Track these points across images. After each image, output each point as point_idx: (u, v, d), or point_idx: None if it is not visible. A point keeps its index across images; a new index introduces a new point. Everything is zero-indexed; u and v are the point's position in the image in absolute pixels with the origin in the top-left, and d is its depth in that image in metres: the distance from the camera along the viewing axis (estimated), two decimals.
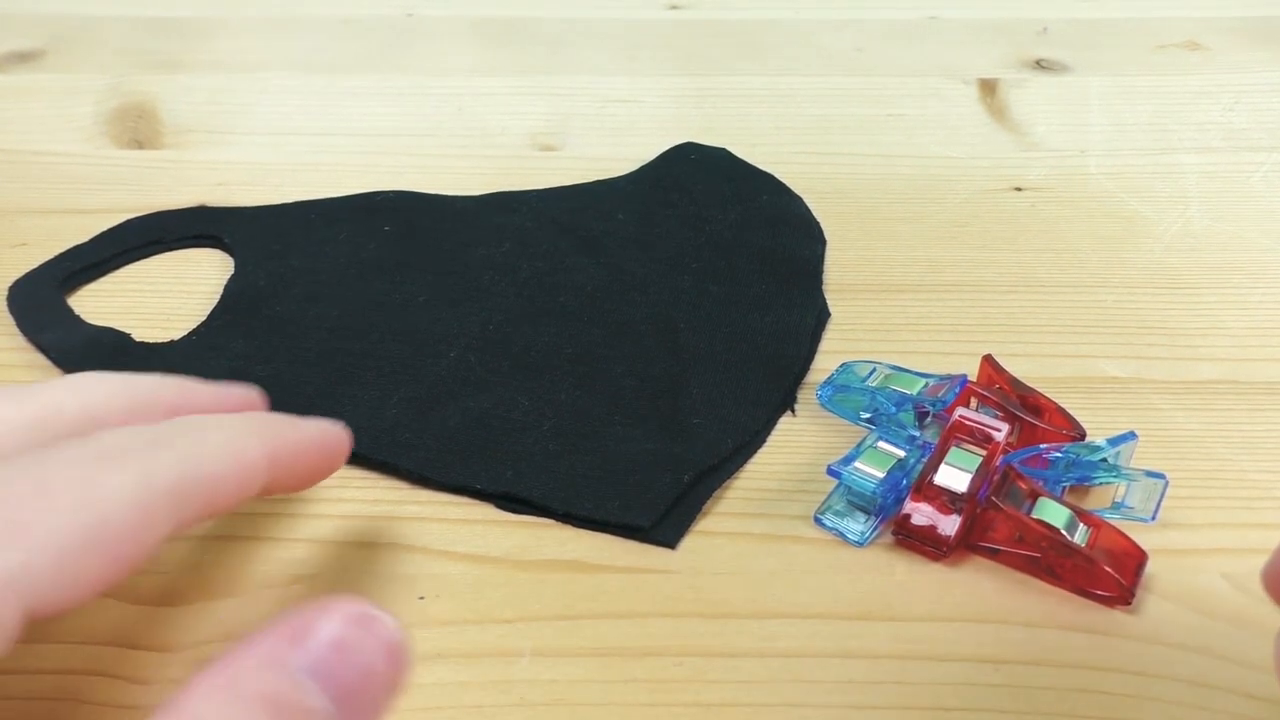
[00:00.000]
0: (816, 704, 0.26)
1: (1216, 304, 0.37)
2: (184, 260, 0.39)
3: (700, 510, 0.30)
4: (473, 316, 0.36)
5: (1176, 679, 0.26)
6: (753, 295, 0.37)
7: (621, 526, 0.30)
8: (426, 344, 0.35)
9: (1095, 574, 0.28)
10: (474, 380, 0.34)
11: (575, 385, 0.34)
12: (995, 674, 0.26)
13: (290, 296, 0.37)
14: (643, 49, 0.53)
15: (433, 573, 0.29)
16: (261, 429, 0.24)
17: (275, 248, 0.39)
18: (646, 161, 0.43)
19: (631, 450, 0.31)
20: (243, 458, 0.23)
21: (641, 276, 0.38)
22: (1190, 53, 0.53)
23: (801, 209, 0.41)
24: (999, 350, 0.33)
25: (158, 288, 0.38)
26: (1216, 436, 0.33)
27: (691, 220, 0.40)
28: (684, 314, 0.36)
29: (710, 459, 0.31)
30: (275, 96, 0.48)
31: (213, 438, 0.23)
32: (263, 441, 0.24)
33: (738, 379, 0.34)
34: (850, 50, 0.53)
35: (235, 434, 0.24)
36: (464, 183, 0.43)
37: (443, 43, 0.53)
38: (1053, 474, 0.30)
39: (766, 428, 0.33)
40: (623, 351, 0.35)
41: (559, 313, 0.36)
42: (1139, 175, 0.44)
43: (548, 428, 0.32)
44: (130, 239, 0.40)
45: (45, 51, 0.52)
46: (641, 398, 0.33)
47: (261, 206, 0.41)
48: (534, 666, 0.27)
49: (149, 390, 0.25)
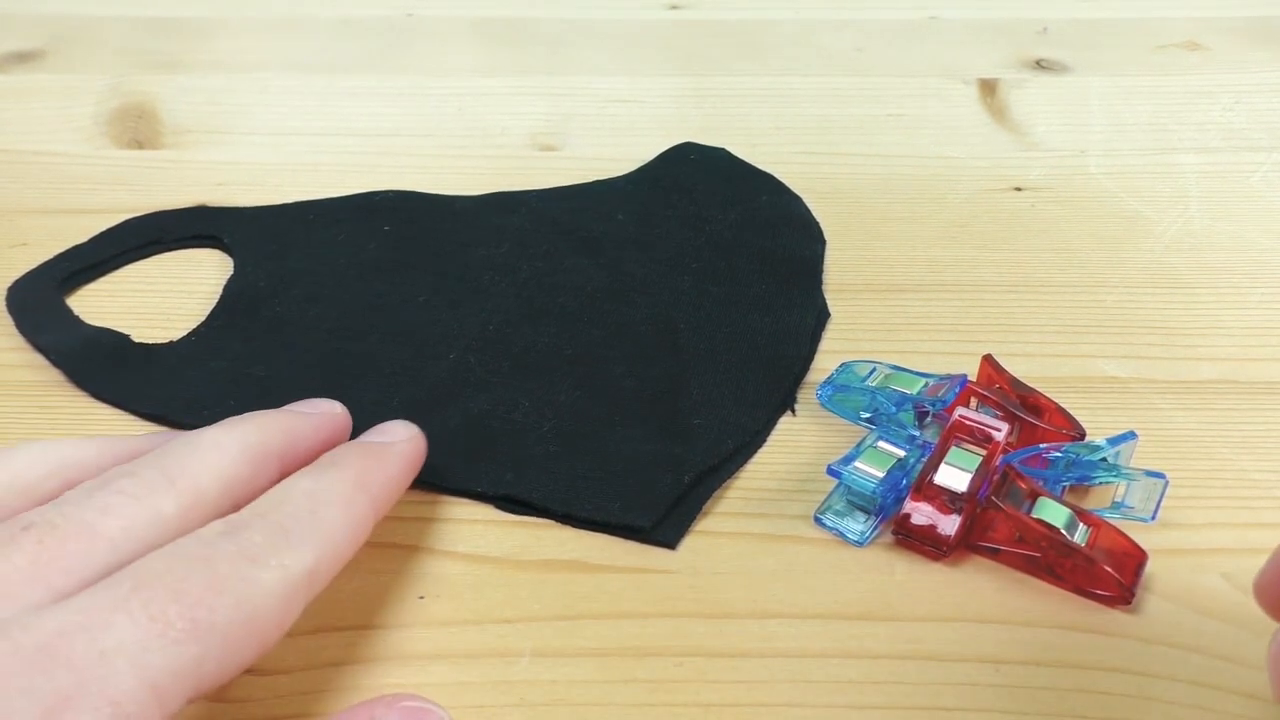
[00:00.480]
0: (816, 704, 0.26)
1: (1216, 304, 0.38)
2: (183, 261, 0.39)
3: (700, 511, 0.30)
4: (472, 317, 0.36)
5: (1176, 679, 0.26)
6: (752, 296, 0.37)
7: (622, 527, 0.30)
8: (426, 345, 0.35)
9: (1095, 574, 0.28)
10: (474, 382, 0.34)
11: (575, 386, 0.34)
12: (995, 674, 0.26)
13: (289, 297, 0.37)
14: (643, 49, 0.53)
15: (433, 573, 0.29)
16: (363, 478, 0.26)
17: (274, 248, 0.39)
18: (646, 161, 0.43)
19: (632, 451, 0.31)
20: (358, 525, 0.26)
21: (641, 277, 0.37)
22: (1190, 53, 0.53)
23: (801, 209, 0.41)
24: (999, 350, 0.33)
25: (157, 288, 0.38)
26: (1216, 436, 0.33)
27: (691, 220, 0.40)
28: (684, 314, 0.36)
29: (710, 460, 0.31)
30: (275, 96, 0.48)
31: (333, 514, 0.25)
32: (370, 497, 0.26)
33: (738, 380, 0.34)
34: (850, 50, 0.53)
35: (349, 502, 0.26)
36: (464, 183, 0.43)
37: (443, 43, 0.53)
38: (1052, 474, 0.30)
39: (766, 428, 0.33)
40: (622, 352, 0.35)
41: (559, 313, 0.36)
42: (1139, 175, 0.44)
43: (548, 429, 0.32)
44: (129, 239, 0.40)
45: (45, 51, 0.52)
46: (641, 398, 0.33)
47: (261, 207, 0.41)
48: (534, 666, 0.27)
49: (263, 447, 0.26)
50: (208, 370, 0.34)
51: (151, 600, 0.21)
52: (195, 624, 0.21)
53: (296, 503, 0.25)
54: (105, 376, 0.34)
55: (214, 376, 0.34)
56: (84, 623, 0.20)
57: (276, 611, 0.23)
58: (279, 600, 0.23)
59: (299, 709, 0.26)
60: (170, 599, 0.21)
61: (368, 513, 0.26)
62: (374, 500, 0.26)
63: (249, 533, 0.23)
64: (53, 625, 0.20)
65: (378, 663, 0.27)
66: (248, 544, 0.23)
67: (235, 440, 0.26)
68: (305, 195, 0.42)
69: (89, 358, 0.35)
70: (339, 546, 0.25)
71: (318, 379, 0.34)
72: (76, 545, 0.22)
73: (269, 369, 0.34)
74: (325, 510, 0.25)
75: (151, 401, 0.33)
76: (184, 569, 0.22)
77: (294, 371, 0.34)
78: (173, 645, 0.21)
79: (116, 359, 0.35)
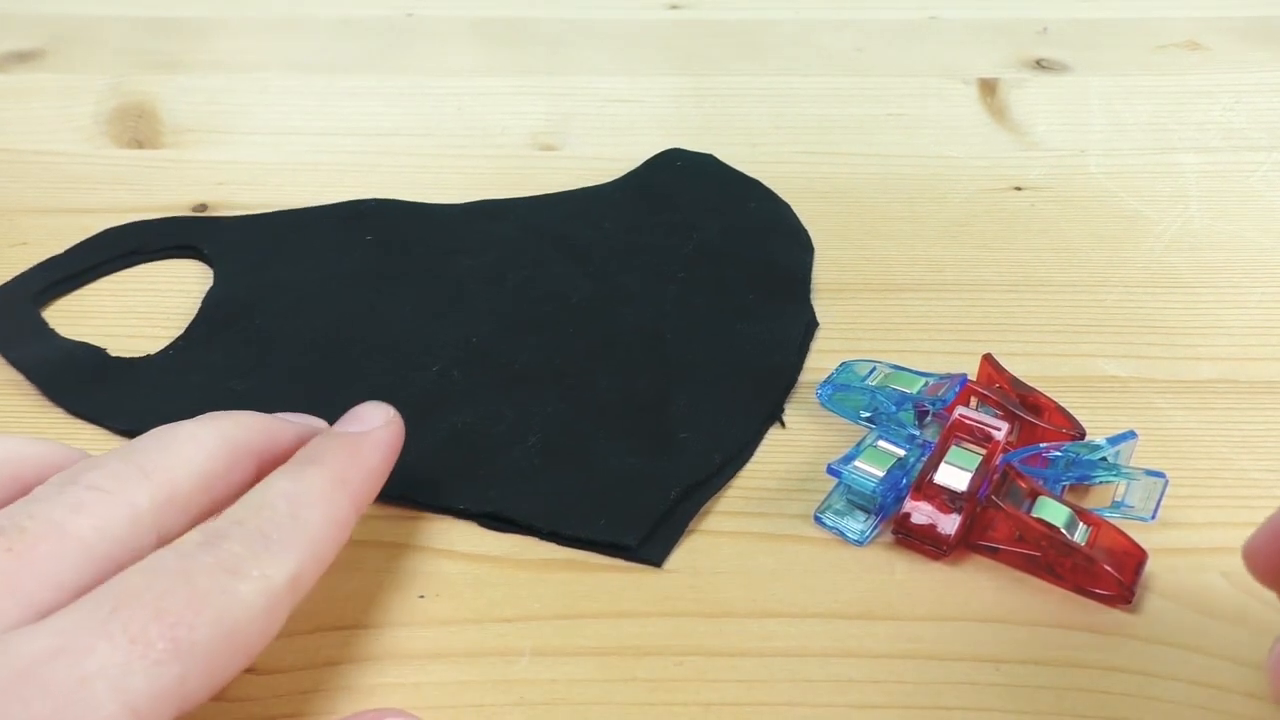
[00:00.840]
0: (816, 704, 0.26)
1: (1216, 303, 0.37)
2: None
3: (687, 527, 0.30)
4: (457, 328, 0.35)
5: (1176, 679, 0.26)
6: (740, 305, 0.36)
7: (607, 545, 0.29)
8: (410, 357, 0.34)
9: (1095, 573, 0.28)
10: (457, 395, 0.33)
11: (560, 399, 0.33)
12: (995, 674, 0.26)
13: (271, 309, 0.36)
14: (643, 49, 0.53)
15: (433, 572, 0.29)
16: (341, 480, 0.26)
17: (255, 259, 0.38)
18: (634, 167, 0.43)
19: (617, 466, 0.31)
20: (340, 524, 0.25)
21: (627, 286, 0.37)
22: (1190, 53, 0.53)
23: (789, 217, 0.41)
24: (999, 350, 0.33)
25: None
26: (1216, 435, 0.33)
27: (678, 228, 0.40)
28: (671, 325, 0.36)
29: (697, 474, 0.31)
30: (275, 96, 0.48)
31: (314, 516, 0.24)
32: (350, 494, 0.26)
33: (725, 391, 0.33)
34: (850, 50, 0.53)
35: (329, 501, 0.25)
36: (464, 182, 0.43)
37: (443, 43, 0.53)
38: (1052, 473, 0.30)
39: (754, 441, 0.32)
40: (608, 364, 0.34)
41: (544, 324, 0.36)
42: (1139, 175, 0.44)
43: (532, 443, 0.32)
44: (107, 250, 0.39)
45: (45, 51, 0.52)
46: (627, 411, 0.33)
47: (241, 216, 0.41)
48: (534, 666, 0.27)
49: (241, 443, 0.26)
50: (187, 384, 0.34)
51: (132, 621, 0.20)
52: (177, 643, 0.21)
53: (276, 506, 0.24)
54: (82, 392, 0.33)
55: (194, 391, 0.33)
56: (63, 646, 0.20)
57: (259, 623, 0.22)
58: (261, 612, 0.22)
59: (298, 708, 0.26)
60: (151, 618, 0.21)
61: (349, 511, 0.25)
62: (354, 496, 0.26)
63: (228, 543, 0.23)
64: (30, 650, 0.20)
65: (377, 662, 0.27)
66: (227, 555, 0.22)
67: (213, 434, 0.25)
68: (305, 195, 0.42)
69: (65, 372, 0.34)
70: (321, 549, 0.24)
71: (300, 392, 0.33)
72: (48, 548, 0.22)
73: (250, 383, 0.34)
74: (306, 512, 0.24)
75: (129, 417, 0.32)
76: (164, 585, 0.21)
77: (275, 385, 0.33)
78: (154, 667, 0.20)
79: (94, 373, 0.34)
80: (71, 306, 0.37)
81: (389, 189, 0.42)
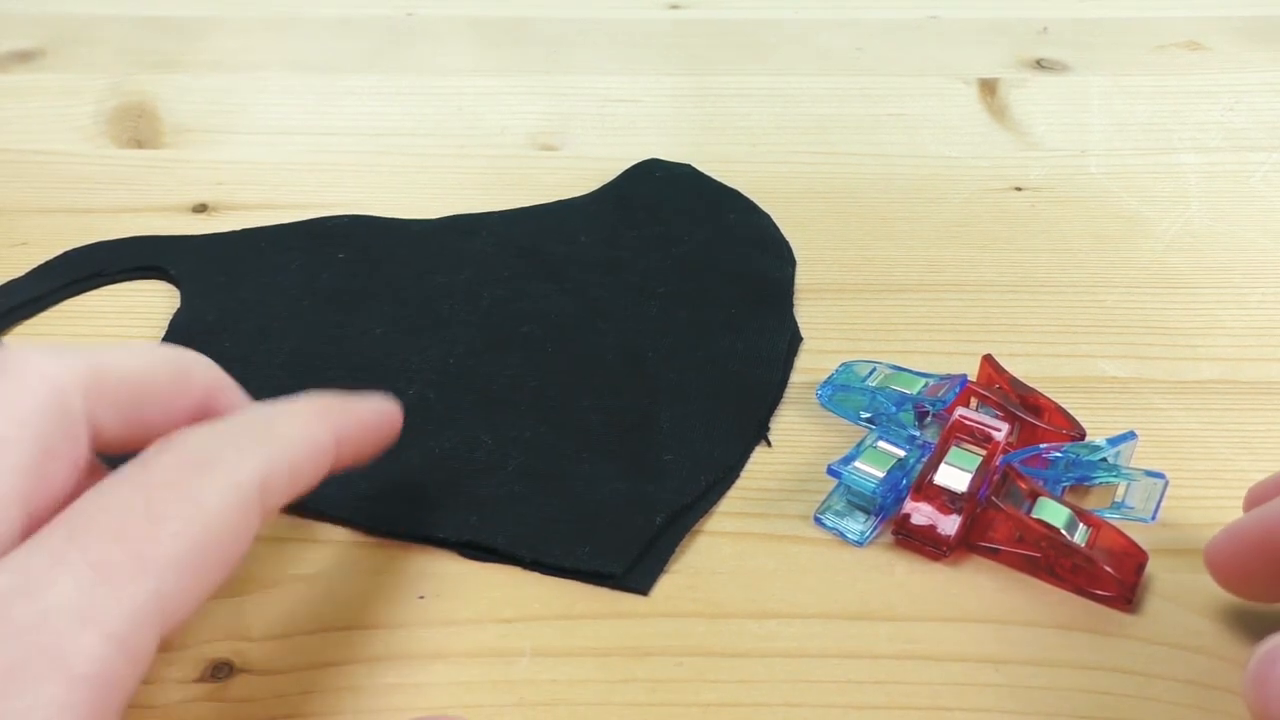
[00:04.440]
0: (816, 704, 0.26)
1: (1216, 303, 0.38)
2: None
3: (674, 552, 0.29)
4: (432, 349, 0.34)
5: (1176, 679, 0.26)
6: (722, 320, 0.36)
7: (592, 574, 0.28)
8: (384, 380, 0.32)
9: (1095, 574, 0.28)
10: (434, 418, 0.32)
11: (540, 421, 0.32)
12: (995, 674, 0.26)
13: (239, 331, 0.35)
14: (643, 49, 0.53)
15: (433, 572, 0.29)
16: (324, 411, 0.25)
17: (222, 279, 0.37)
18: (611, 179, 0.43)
19: (601, 491, 0.30)
20: (315, 442, 0.24)
21: (607, 302, 0.36)
22: (1190, 53, 0.53)
23: (771, 228, 0.40)
24: (999, 350, 0.33)
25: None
26: (1216, 436, 0.33)
27: (658, 241, 0.39)
28: (651, 342, 0.35)
29: (683, 498, 0.30)
30: (275, 96, 0.48)
31: (284, 428, 0.24)
32: (329, 424, 0.24)
33: (709, 410, 0.33)
34: (850, 50, 0.53)
35: (304, 421, 0.24)
36: (464, 182, 0.43)
37: (443, 43, 0.53)
38: (1053, 474, 0.30)
39: (740, 461, 0.32)
40: (589, 384, 0.33)
41: (522, 343, 0.35)
42: (1139, 175, 0.44)
43: (512, 468, 0.31)
44: (69, 272, 0.38)
45: (45, 51, 0.52)
46: (609, 433, 0.32)
47: (208, 235, 0.40)
48: (534, 666, 0.27)
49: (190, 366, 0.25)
50: None
51: (90, 546, 0.19)
52: (143, 560, 0.19)
53: (248, 418, 0.23)
54: None
55: None
56: (21, 585, 0.19)
57: (231, 526, 0.21)
58: (232, 513, 0.21)
59: (298, 709, 0.26)
60: (111, 540, 0.19)
61: (328, 440, 0.24)
62: (336, 431, 0.24)
63: (195, 440, 0.22)
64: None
65: (378, 662, 0.27)
66: (188, 456, 0.21)
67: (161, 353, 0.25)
68: (305, 195, 0.42)
69: None
70: (295, 459, 0.23)
71: None
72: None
73: None
74: (281, 424, 0.23)
75: None
76: (119, 504, 0.20)
77: None
78: (124, 588, 0.19)
79: None
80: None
81: (388, 189, 0.42)
